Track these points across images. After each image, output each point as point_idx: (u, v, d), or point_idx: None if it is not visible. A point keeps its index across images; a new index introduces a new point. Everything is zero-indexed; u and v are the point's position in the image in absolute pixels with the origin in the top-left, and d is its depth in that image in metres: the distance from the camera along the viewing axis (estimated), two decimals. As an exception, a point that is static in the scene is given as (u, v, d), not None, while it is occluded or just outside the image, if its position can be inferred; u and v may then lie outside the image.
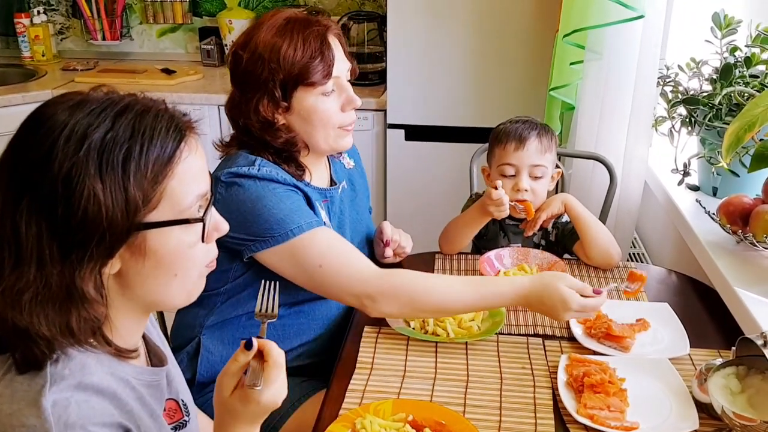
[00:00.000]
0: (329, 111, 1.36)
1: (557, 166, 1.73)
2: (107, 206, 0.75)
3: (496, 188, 1.54)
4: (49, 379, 0.76)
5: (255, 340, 0.89)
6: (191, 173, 0.82)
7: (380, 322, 1.40)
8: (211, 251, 0.89)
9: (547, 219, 1.65)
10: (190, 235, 0.83)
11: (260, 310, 1.01)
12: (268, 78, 1.32)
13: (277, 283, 1.04)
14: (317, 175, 1.47)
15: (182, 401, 0.99)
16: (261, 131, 1.36)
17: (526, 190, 1.62)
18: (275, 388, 0.90)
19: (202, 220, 0.84)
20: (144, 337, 0.95)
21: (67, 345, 0.78)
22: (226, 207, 1.23)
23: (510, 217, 1.65)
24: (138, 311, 0.87)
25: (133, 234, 0.78)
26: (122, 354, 0.84)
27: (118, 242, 0.78)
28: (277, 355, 0.90)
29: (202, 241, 0.85)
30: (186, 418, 0.99)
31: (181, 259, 0.83)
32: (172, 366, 1.01)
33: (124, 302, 0.84)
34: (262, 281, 1.04)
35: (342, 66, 1.37)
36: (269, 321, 1.01)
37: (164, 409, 0.93)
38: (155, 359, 0.96)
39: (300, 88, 1.33)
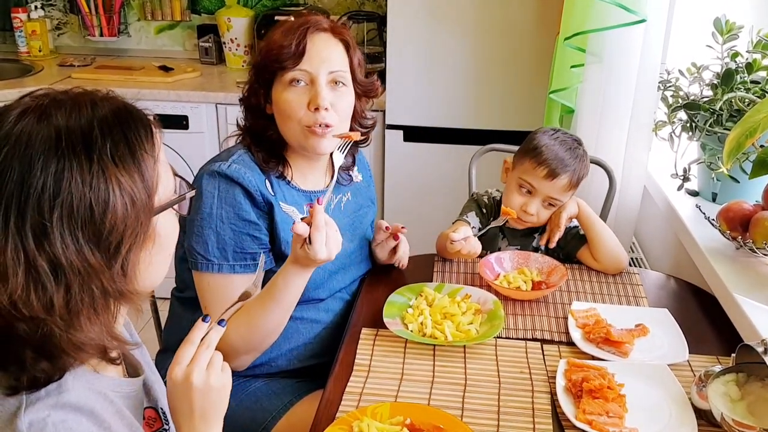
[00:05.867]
0: (292, 103, 1.34)
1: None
2: (136, 197, 0.77)
3: (458, 248, 1.52)
4: (24, 400, 0.75)
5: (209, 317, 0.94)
6: (164, 156, 0.85)
7: (378, 324, 1.39)
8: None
9: (567, 220, 1.63)
10: (174, 213, 0.86)
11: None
12: (255, 63, 1.39)
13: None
14: (309, 177, 1.46)
15: (161, 409, 0.98)
16: (249, 113, 1.41)
17: (532, 215, 1.61)
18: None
19: (192, 192, 0.88)
20: None
21: (113, 348, 0.80)
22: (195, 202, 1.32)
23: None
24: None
25: (151, 220, 0.80)
26: (112, 359, 0.83)
27: (147, 230, 0.79)
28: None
29: (188, 213, 0.89)
30: (165, 427, 0.98)
31: (173, 236, 0.87)
32: (151, 373, 1.00)
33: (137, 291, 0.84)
34: (261, 254, 1.18)
35: (321, 65, 1.34)
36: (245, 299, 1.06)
37: (144, 418, 0.93)
38: (131, 369, 0.95)
39: (276, 76, 1.35)
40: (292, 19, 1.40)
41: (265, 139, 1.39)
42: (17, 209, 0.72)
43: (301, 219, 1.27)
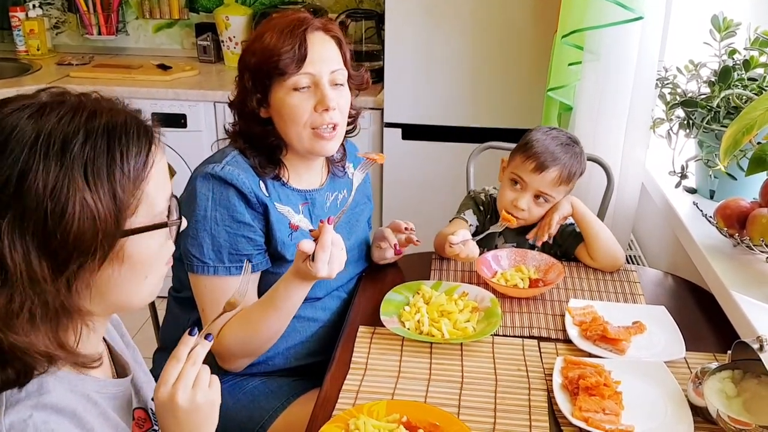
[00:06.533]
0: (298, 108, 1.33)
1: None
2: (100, 216, 0.73)
3: (457, 251, 1.52)
4: (4, 402, 0.74)
5: (195, 329, 0.92)
6: (161, 175, 0.82)
7: (375, 322, 1.39)
8: (171, 249, 0.88)
9: (559, 220, 1.63)
10: (161, 238, 0.83)
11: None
12: (247, 66, 1.35)
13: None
14: (305, 176, 1.46)
15: (151, 410, 0.97)
16: (242, 120, 1.38)
17: (523, 210, 1.61)
18: None
19: (178, 222, 0.83)
20: (108, 345, 0.94)
21: (63, 358, 0.77)
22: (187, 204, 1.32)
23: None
24: (102, 317, 0.85)
25: (118, 241, 0.77)
26: (86, 364, 0.82)
27: (109, 251, 0.76)
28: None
29: (174, 242, 0.85)
30: (155, 427, 0.97)
31: (152, 261, 0.83)
32: (143, 373, 1.00)
33: (90, 309, 0.81)
34: (245, 261, 1.11)
35: (323, 66, 1.33)
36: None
37: (133, 418, 0.92)
38: (119, 369, 0.94)
39: (275, 81, 1.33)
40: (278, 16, 1.37)
41: (265, 146, 1.38)
42: None
43: (310, 231, 1.27)
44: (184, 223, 0.89)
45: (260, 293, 1.36)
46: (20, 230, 0.71)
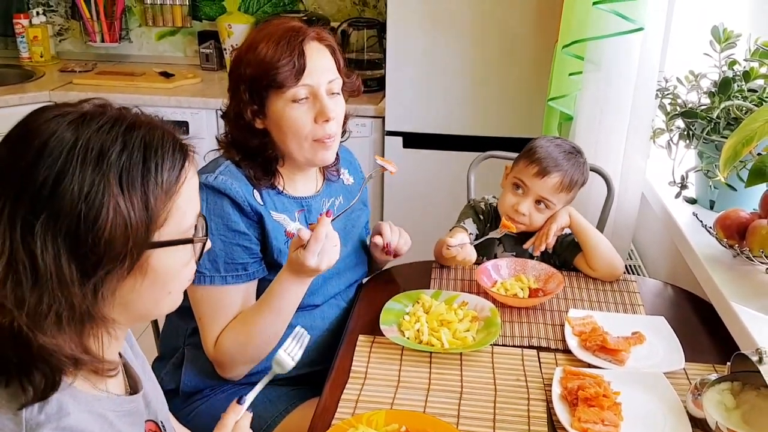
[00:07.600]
0: (299, 120, 1.32)
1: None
2: (132, 224, 0.75)
3: (454, 253, 1.53)
4: (24, 426, 0.74)
5: (246, 397, 0.94)
6: (192, 192, 0.83)
7: (375, 331, 1.39)
8: (193, 268, 0.89)
9: (557, 230, 1.63)
10: (185, 254, 0.84)
11: (285, 348, 1.08)
12: (242, 77, 1.33)
13: (308, 337, 1.10)
14: (301, 184, 1.46)
15: (161, 422, 0.98)
16: (238, 132, 1.37)
17: (523, 214, 1.62)
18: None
19: (203, 239, 0.85)
20: (121, 358, 0.94)
21: (88, 363, 0.78)
22: None
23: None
24: (124, 326, 0.86)
25: (145, 252, 0.78)
26: (108, 370, 0.83)
27: (137, 260, 0.77)
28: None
29: (197, 261, 0.86)
30: None
31: (176, 277, 0.84)
32: (152, 383, 1.00)
33: (113, 317, 0.82)
34: (296, 327, 1.12)
35: (321, 77, 1.33)
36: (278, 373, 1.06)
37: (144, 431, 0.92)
38: (132, 382, 0.95)
39: (272, 93, 1.32)
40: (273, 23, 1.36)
41: (262, 158, 1.38)
42: (15, 197, 0.73)
43: (309, 225, 1.28)
44: (209, 244, 0.89)
45: None
46: (53, 232, 0.73)
